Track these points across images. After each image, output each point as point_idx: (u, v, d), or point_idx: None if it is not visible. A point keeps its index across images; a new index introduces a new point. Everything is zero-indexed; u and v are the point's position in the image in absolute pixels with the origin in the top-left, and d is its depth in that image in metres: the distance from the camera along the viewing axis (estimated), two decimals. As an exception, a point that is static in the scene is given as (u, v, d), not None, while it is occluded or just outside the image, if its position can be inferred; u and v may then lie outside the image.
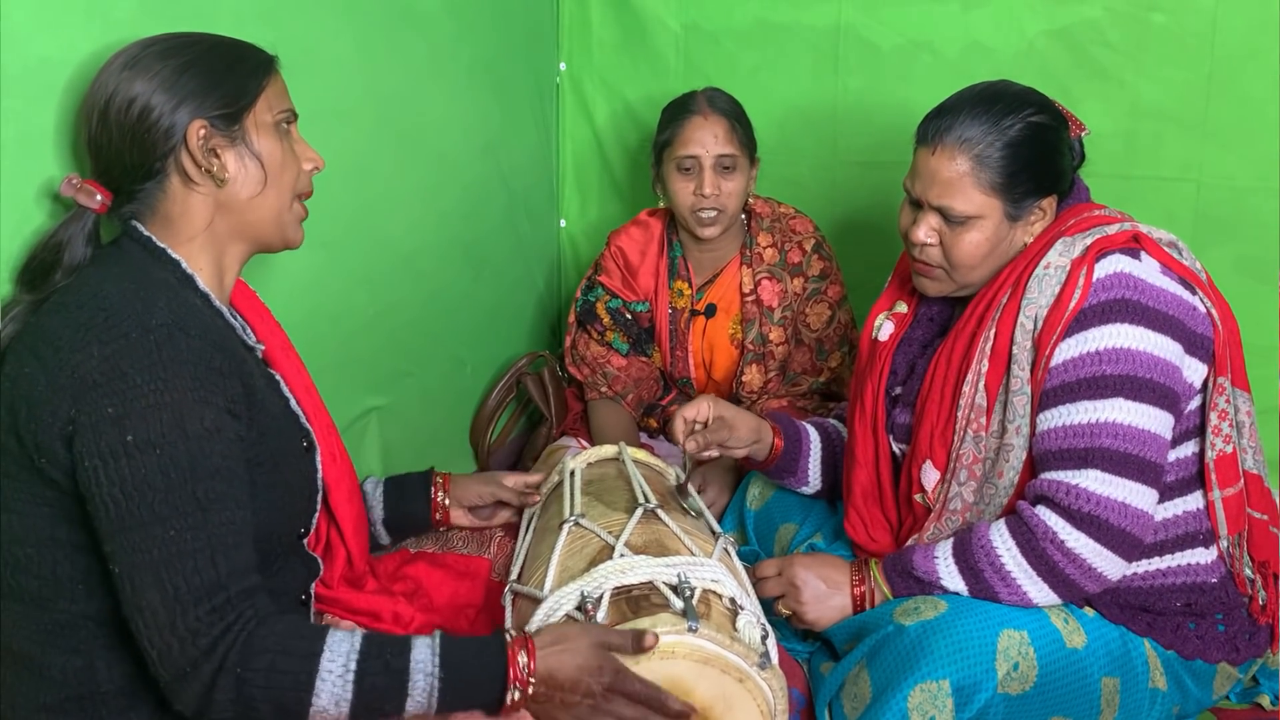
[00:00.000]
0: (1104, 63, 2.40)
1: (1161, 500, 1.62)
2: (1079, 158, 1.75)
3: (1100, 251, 1.61)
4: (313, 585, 1.56)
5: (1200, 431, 1.68)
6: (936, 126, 1.68)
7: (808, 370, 2.45)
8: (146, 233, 1.35)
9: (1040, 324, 1.62)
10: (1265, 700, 1.79)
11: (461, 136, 2.43)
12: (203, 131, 1.32)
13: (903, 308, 1.88)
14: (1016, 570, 1.60)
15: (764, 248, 2.45)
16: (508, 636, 1.30)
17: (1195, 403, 1.66)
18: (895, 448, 1.85)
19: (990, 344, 1.67)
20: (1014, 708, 1.56)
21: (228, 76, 1.34)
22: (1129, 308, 1.57)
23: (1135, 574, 1.66)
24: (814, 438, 2.02)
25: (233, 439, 1.26)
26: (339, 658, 1.21)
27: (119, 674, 1.28)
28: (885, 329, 1.87)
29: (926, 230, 1.70)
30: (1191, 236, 1.78)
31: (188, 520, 1.19)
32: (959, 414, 1.69)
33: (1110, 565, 1.58)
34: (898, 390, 1.86)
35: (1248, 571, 1.72)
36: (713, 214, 2.36)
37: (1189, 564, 1.68)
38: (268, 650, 1.20)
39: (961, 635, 1.55)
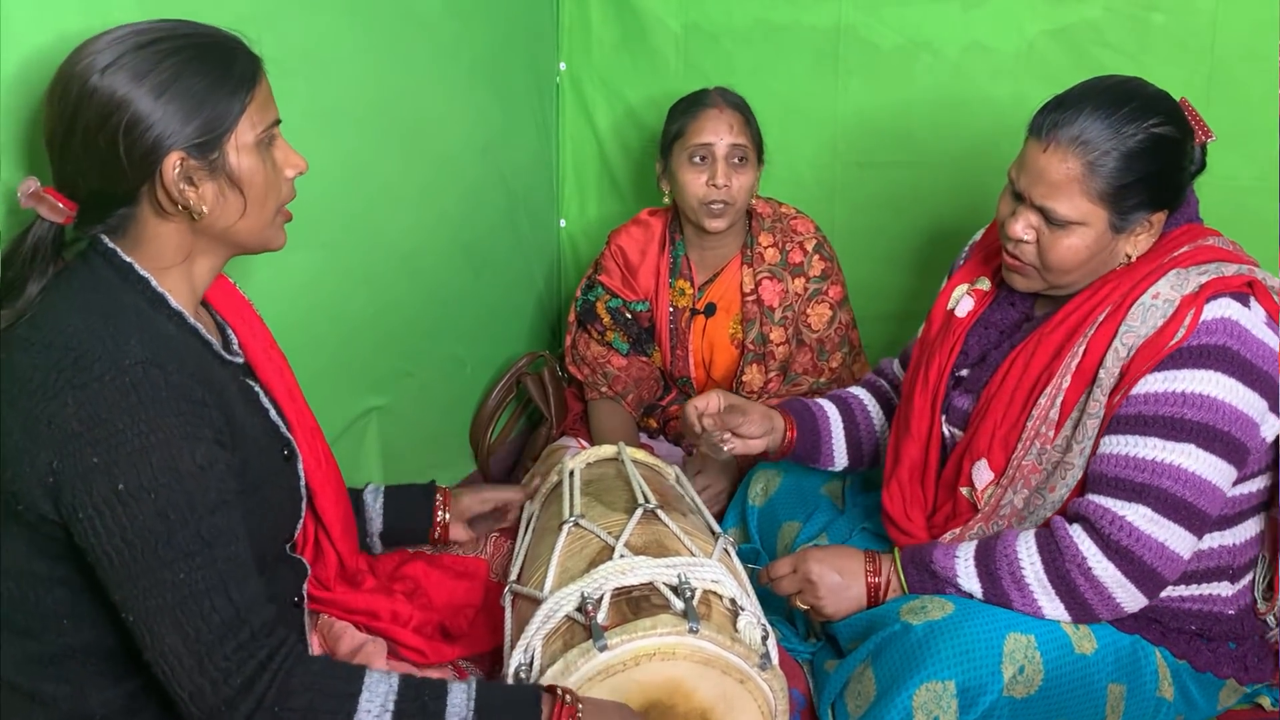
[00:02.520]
0: (1104, 63, 2.39)
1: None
2: (1199, 166, 1.66)
3: (1213, 293, 1.55)
4: (303, 588, 1.55)
5: (1259, 474, 1.65)
6: (1053, 120, 1.57)
7: (809, 371, 2.45)
8: (111, 245, 1.28)
9: (1134, 353, 1.57)
10: (1266, 701, 1.78)
11: (461, 136, 2.43)
12: (179, 165, 1.23)
13: (985, 284, 1.81)
14: (1035, 584, 1.59)
15: (765, 247, 2.45)
16: (544, 694, 1.29)
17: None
18: (946, 430, 1.80)
19: (1077, 361, 1.62)
20: (1019, 711, 1.55)
21: (209, 98, 1.24)
22: (1227, 356, 1.53)
23: None
24: (834, 416, 1.99)
25: (224, 470, 1.23)
26: (377, 698, 1.21)
27: (111, 697, 1.27)
28: (964, 304, 1.81)
29: (1024, 226, 1.62)
30: (1191, 236, 1.78)
31: (195, 560, 1.16)
32: (1029, 424, 1.65)
33: (1130, 599, 1.57)
34: (963, 372, 1.80)
35: (1271, 620, 1.71)
36: (721, 206, 2.35)
37: (1209, 594, 1.68)
38: (306, 689, 1.20)
39: (968, 637, 1.55)
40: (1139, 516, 1.54)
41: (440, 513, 1.81)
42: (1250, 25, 2.29)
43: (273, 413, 1.45)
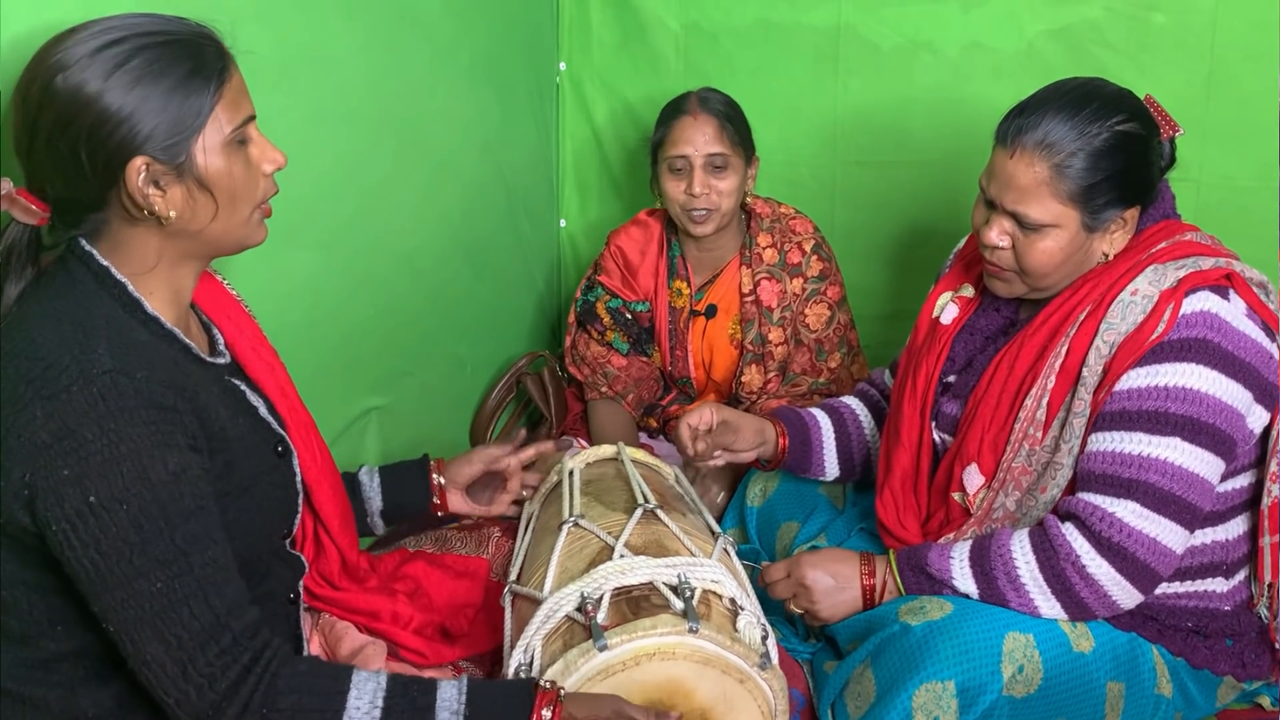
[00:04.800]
0: (1104, 63, 2.40)
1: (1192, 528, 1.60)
2: (1168, 161, 1.68)
3: (1191, 287, 1.57)
4: (300, 584, 1.55)
5: (1248, 469, 1.65)
6: (1018, 126, 1.59)
7: (807, 371, 2.45)
8: (89, 248, 1.25)
9: (1115, 349, 1.58)
10: (1266, 701, 1.78)
11: (461, 136, 2.43)
12: (144, 170, 1.20)
13: (969, 291, 1.83)
14: (1030, 583, 1.59)
15: (763, 248, 2.45)
16: (538, 685, 1.29)
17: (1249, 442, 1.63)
18: (936, 436, 1.81)
19: (1060, 360, 1.63)
20: (1019, 710, 1.55)
21: (173, 99, 1.20)
22: (1207, 349, 1.54)
23: None
24: (826, 427, 2.00)
25: (199, 475, 1.22)
26: (365, 695, 1.22)
27: (101, 697, 1.27)
28: (949, 312, 1.82)
29: (999, 233, 1.64)
30: (1191, 236, 1.78)
31: (172, 569, 1.16)
32: (1016, 426, 1.66)
33: (1126, 596, 1.57)
34: (950, 378, 1.82)
35: (1263, 610, 1.70)
36: (704, 212, 2.36)
37: (1204, 591, 1.68)
38: (293, 690, 1.20)
39: (967, 637, 1.55)
40: (1129, 512, 1.54)
41: (435, 475, 1.80)
42: (1250, 25, 2.29)
43: (262, 410, 1.44)
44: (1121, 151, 1.58)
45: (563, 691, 1.28)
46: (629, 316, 2.52)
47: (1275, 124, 2.28)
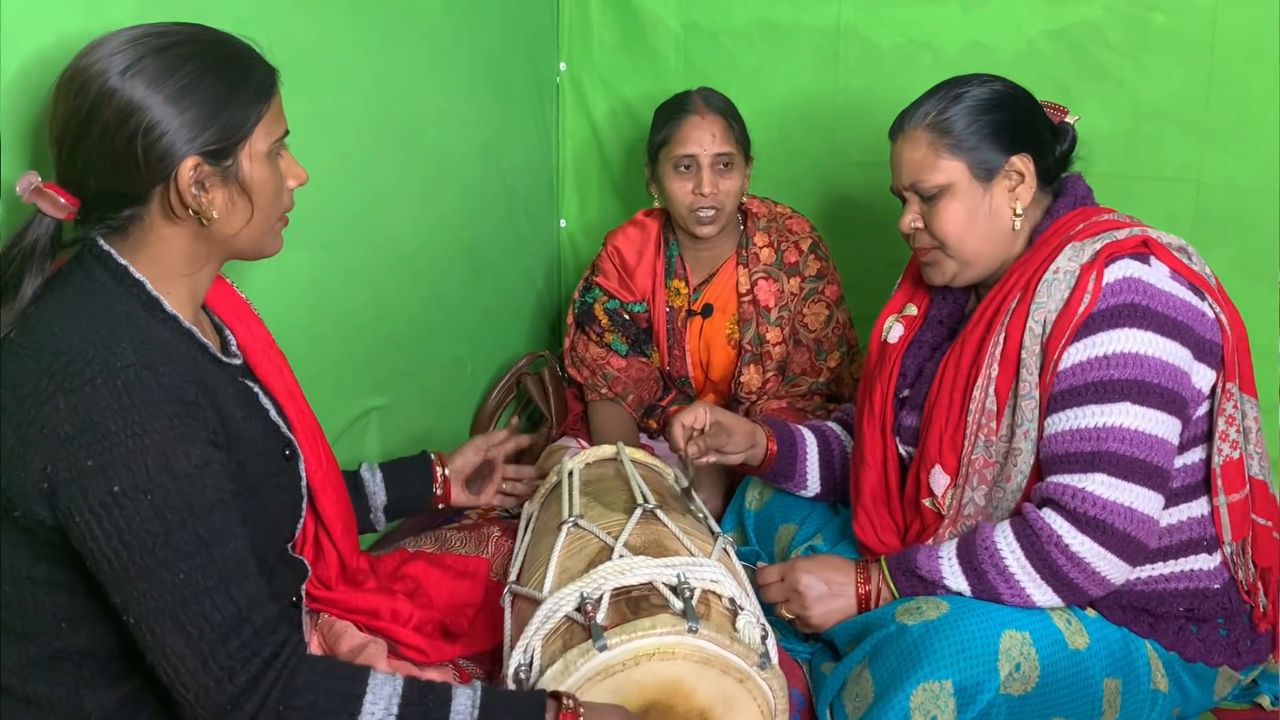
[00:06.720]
0: (1104, 63, 2.40)
1: (1166, 506, 1.62)
2: (1069, 141, 1.75)
3: (1110, 256, 1.60)
4: (302, 588, 1.55)
5: (1207, 438, 1.67)
6: (899, 120, 1.75)
7: (807, 371, 2.45)
8: (106, 247, 1.28)
9: (1049, 328, 1.61)
10: (1265, 700, 1.79)
11: (461, 136, 2.44)
12: (194, 169, 1.25)
13: (912, 310, 1.89)
14: (1020, 572, 1.60)
15: (760, 247, 2.45)
16: (549, 700, 1.29)
17: (1203, 409, 1.66)
18: (901, 450, 1.85)
19: (1000, 348, 1.66)
20: (1016, 708, 1.55)
21: (227, 104, 1.26)
22: (1137, 312, 1.57)
23: (1138, 578, 1.66)
24: (810, 442, 2.02)
25: (219, 470, 1.23)
26: (381, 700, 1.22)
27: (106, 699, 1.27)
28: (894, 331, 1.88)
29: (911, 217, 1.75)
30: (1191, 236, 1.78)
31: (194, 560, 1.16)
32: (969, 419, 1.68)
33: (1114, 569, 1.58)
34: (905, 393, 1.86)
35: (1249, 577, 1.71)
36: (711, 213, 2.36)
37: (1192, 570, 1.68)
38: (310, 689, 1.20)
39: (964, 635, 1.55)
40: (1098, 484, 1.56)
41: (439, 469, 1.84)
42: (1250, 25, 2.29)
43: (273, 413, 1.45)
44: (997, 104, 1.69)
45: (582, 713, 1.28)
46: (627, 317, 2.52)
47: (1276, 124, 2.28)
